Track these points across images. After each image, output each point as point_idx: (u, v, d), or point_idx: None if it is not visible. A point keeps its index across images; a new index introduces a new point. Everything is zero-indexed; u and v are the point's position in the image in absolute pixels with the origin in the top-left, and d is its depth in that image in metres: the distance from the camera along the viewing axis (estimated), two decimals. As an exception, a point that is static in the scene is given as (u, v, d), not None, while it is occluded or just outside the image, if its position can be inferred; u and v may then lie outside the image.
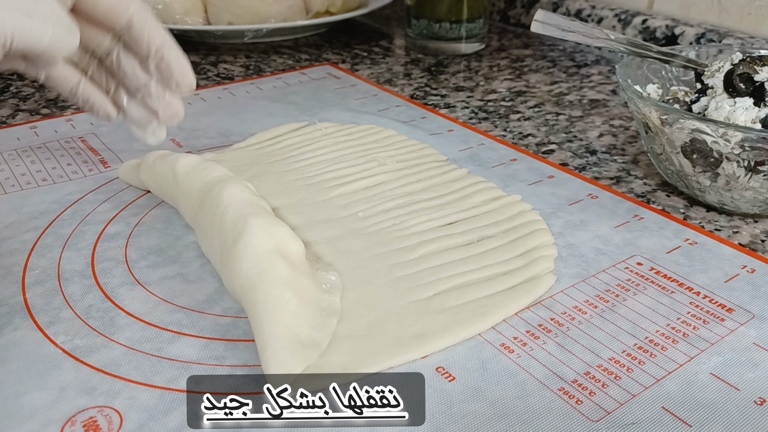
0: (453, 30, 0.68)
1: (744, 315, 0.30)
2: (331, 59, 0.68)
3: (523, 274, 0.32)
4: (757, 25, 0.61)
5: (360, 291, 0.31)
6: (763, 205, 0.37)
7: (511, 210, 0.37)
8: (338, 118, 0.51)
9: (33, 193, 0.40)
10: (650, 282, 0.32)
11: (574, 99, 0.57)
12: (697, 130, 0.35)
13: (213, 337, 0.29)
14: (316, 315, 0.28)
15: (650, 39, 0.66)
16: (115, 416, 0.25)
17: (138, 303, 0.31)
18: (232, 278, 0.29)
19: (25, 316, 0.30)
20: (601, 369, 0.27)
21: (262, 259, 0.28)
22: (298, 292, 0.28)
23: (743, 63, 0.38)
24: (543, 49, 0.72)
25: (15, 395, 0.25)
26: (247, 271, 0.28)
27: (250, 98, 0.56)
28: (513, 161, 0.45)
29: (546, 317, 0.30)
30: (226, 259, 0.30)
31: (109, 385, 0.26)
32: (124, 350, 0.28)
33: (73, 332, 0.29)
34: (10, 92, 0.57)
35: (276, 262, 0.28)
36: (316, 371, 0.26)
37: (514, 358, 0.28)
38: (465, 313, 0.29)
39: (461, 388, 0.26)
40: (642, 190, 0.42)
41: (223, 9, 0.69)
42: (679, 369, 0.27)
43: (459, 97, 0.58)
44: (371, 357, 0.27)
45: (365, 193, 0.39)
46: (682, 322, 0.30)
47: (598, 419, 0.25)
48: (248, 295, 0.28)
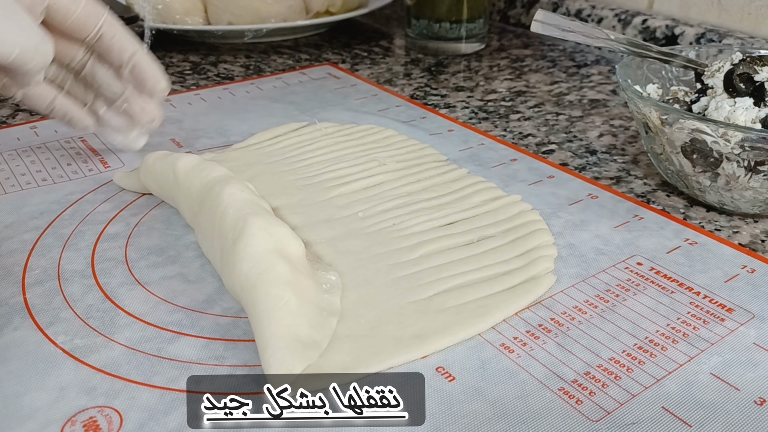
0: (453, 30, 0.68)
1: (744, 315, 0.30)
2: (331, 59, 0.68)
3: (523, 274, 0.32)
4: (757, 25, 0.61)
5: (360, 291, 0.31)
6: (763, 205, 0.37)
7: (511, 210, 0.37)
8: (338, 118, 0.51)
9: (33, 193, 0.40)
10: (650, 282, 0.32)
11: (574, 99, 0.57)
12: (697, 130, 0.35)
13: (213, 337, 0.29)
14: (316, 315, 0.28)
15: (650, 39, 0.66)
16: (115, 416, 0.25)
17: (138, 303, 0.31)
18: (233, 278, 0.29)
19: (25, 316, 0.30)
20: (601, 369, 0.27)
21: (263, 259, 0.28)
22: (298, 292, 0.28)
23: (743, 63, 0.38)
24: (543, 49, 0.72)
25: (15, 395, 0.25)
26: (247, 271, 0.28)
27: (250, 98, 0.56)
28: (513, 161, 0.45)
29: (546, 317, 0.30)
30: (227, 258, 0.30)
31: (109, 385, 0.26)
32: (124, 350, 0.28)
33: (73, 332, 0.29)
34: (10, 92, 0.57)
35: (276, 262, 0.28)
36: (316, 371, 0.26)
37: (514, 358, 0.28)
38: (465, 313, 0.29)
39: (461, 388, 0.26)
40: (642, 190, 0.42)
41: (223, 9, 0.69)
42: (679, 369, 0.27)
43: (459, 97, 0.58)
44: (371, 357, 0.27)
45: (365, 193, 0.39)
46: (682, 322, 0.30)
47: (598, 419, 0.25)
48: (248, 295, 0.28)
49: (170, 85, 0.41)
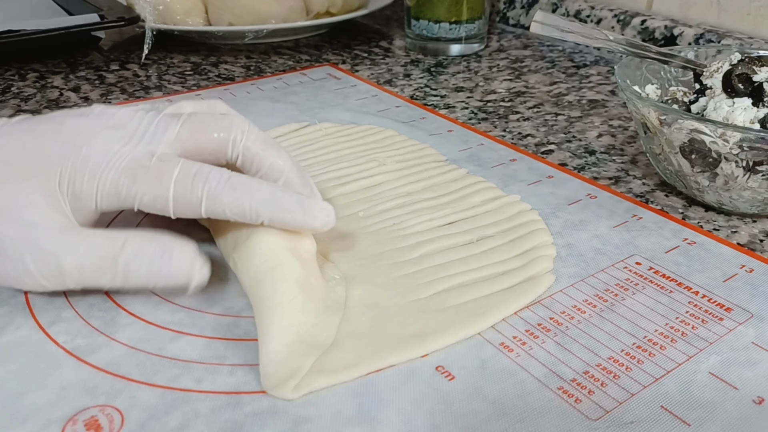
0: (452, 31, 0.68)
1: (742, 314, 0.30)
2: (331, 60, 0.68)
3: (523, 274, 0.32)
4: (756, 26, 0.62)
5: (360, 290, 0.31)
6: (761, 205, 0.37)
7: (510, 210, 0.38)
8: (338, 118, 0.51)
9: (34, 194, 0.40)
10: (649, 281, 0.32)
11: (573, 99, 0.57)
12: (695, 130, 0.35)
13: (214, 337, 0.29)
14: (320, 313, 0.28)
15: (649, 39, 0.66)
16: (117, 415, 0.25)
17: (139, 302, 0.31)
18: (244, 271, 0.29)
19: (26, 316, 0.30)
20: (600, 368, 0.27)
21: (276, 255, 0.28)
22: (307, 290, 0.28)
23: (742, 63, 0.38)
24: (542, 49, 0.72)
25: (16, 395, 0.26)
26: (259, 265, 0.28)
27: (251, 99, 0.56)
28: (512, 161, 0.45)
29: (545, 316, 0.30)
30: (240, 252, 0.30)
31: (111, 385, 0.26)
32: (125, 349, 0.28)
33: (74, 332, 0.29)
34: (12, 92, 0.57)
35: (289, 259, 0.28)
36: (317, 370, 0.26)
37: (514, 357, 0.28)
38: (465, 313, 0.29)
39: (461, 387, 0.26)
40: (641, 190, 0.42)
41: (224, 10, 0.69)
42: (677, 368, 0.27)
43: (458, 97, 0.58)
44: (372, 355, 0.27)
45: (365, 193, 0.40)
46: (680, 321, 0.30)
47: (597, 418, 0.25)
48: (256, 289, 0.28)
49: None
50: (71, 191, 0.28)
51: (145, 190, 0.28)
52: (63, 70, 0.63)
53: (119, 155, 0.28)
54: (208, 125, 0.30)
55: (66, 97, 0.57)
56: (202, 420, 0.24)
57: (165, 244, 0.28)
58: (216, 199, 0.28)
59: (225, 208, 0.28)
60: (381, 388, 0.26)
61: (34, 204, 0.28)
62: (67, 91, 0.58)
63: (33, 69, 0.63)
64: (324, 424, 0.24)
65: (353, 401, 0.25)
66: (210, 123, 0.30)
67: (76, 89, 0.59)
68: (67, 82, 0.60)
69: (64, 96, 0.57)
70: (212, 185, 0.28)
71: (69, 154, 0.28)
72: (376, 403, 0.25)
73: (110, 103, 0.55)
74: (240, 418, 0.25)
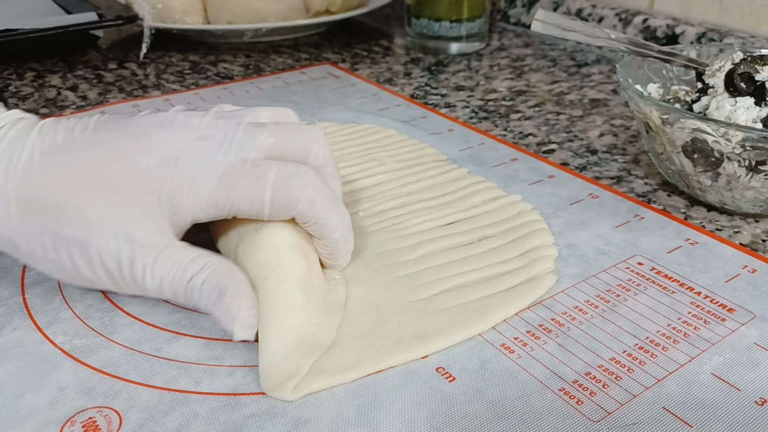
0: (453, 29, 0.68)
1: (745, 315, 0.30)
2: (330, 58, 0.68)
3: (524, 274, 0.32)
4: (758, 25, 0.61)
5: (360, 290, 0.31)
6: (764, 204, 0.37)
7: (511, 210, 0.37)
8: (338, 117, 0.51)
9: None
10: (651, 282, 0.32)
11: (574, 98, 0.57)
12: (698, 129, 0.35)
13: (212, 337, 0.28)
14: (320, 314, 0.28)
15: (651, 38, 0.66)
16: (115, 416, 0.24)
17: (137, 303, 0.31)
18: (248, 266, 0.29)
19: (24, 317, 0.30)
20: (601, 369, 0.27)
21: (282, 252, 0.28)
22: (309, 290, 0.28)
23: (744, 62, 0.38)
24: (543, 48, 0.72)
25: (14, 396, 0.25)
26: (264, 261, 0.28)
27: (250, 98, 0.56)
28: (513, 161, 0.45)
29: (546, 317, 0.30)
30: (245, 247, 0.29)
31: (109, 386, 0.26)
32: (123, 350, 0.28)
33: (72, 332, 0.29)
34: (10, 92, 0.57)
35: (295, 257, 0.28)
36: (317, 371, 0.26)
37: (515, 358, 0.27)
38: (465, 313, 0.29)
39: (461, 389, 0.26)
40: (643, 189, 0.42)
41: (223, 8, 0.69)
42: (679, 369, 0.27)
43: (459, 96, 0.58)
44: (372, 356, 0.27)
45: (365, 192, 0.39)
46: (683, 322, 0.30)
47: (599, 419, 0.25)
48: (259, 285, 0.27)
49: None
50: (170, 206, 0.28)
51: (243, 195, 0.28)
52: (61, 69, 0.63)
53: (214, 165, 0.28)
54: (293, 133, 0.30)
55: (64, 96, 0.56)
56: (201, 421, 0.24)
57: (224, 281, 0.27)
58: (312, 205, 0.28)
59: (318, 215, 0.29)
60: (381, 389, 0.26)
61: (133, 219, 0.28)
62: (65, 90, 0.58)
63: (31, 68, 0.63)
64: (324, 425, 0.24)
65: (353, 402, 0.25)
66: (295, 131, 0.30)
67: (74, 88, 0.58)
68: (65, 81, 0.60)
69: (62, 95, 0.57)
70: (309, 190, 0.28)
71: (166, 168, 0.28)
72: (376, 404, 0.25)
73: (108, 102, 0.55)
74: (239, 420, 0.24)
